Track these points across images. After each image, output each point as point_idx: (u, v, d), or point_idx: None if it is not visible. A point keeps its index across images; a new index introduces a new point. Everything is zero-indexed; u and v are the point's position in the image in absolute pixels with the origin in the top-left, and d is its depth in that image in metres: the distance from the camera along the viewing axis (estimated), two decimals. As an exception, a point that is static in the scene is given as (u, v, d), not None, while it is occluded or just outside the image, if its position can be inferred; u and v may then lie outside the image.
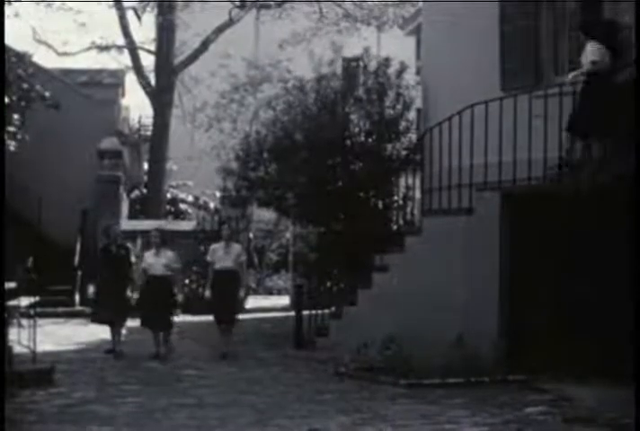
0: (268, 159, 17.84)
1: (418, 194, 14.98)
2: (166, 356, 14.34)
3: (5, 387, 9.54)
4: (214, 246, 15.05)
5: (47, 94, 20.65)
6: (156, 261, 14.51)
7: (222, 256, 14.67)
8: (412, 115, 17.40)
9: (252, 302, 23.23)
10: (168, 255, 14.69)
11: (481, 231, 12.64)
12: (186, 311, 18.96)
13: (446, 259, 12.68)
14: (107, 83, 30.55)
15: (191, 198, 33.05)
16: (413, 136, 17.01)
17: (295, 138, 17.08)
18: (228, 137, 29.51)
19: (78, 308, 21.08)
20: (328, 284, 17.10)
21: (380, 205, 16.95)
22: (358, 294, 13.86)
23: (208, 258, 14.97)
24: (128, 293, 14.57)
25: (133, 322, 14.82)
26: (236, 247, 15.07)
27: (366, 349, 12.60)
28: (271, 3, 30.79)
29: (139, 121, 36.55)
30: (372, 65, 17.48)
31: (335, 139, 16.56)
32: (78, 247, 22.42)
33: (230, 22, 30.47)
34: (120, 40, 31.01)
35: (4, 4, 12.78)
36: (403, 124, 17.17)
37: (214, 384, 12.01)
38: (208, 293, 14.76)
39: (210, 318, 15.10)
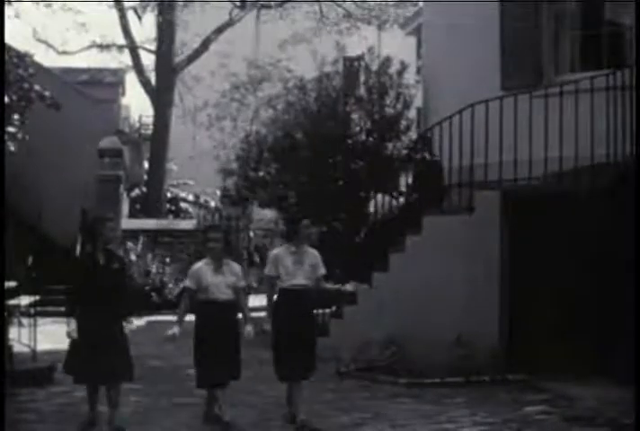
0: (268, 158, 17.85)
1: (418, 193, 14.95)
2: (230, 420, 9.45)
3: (5, 386, 9.53)
4: (276, 252, 9.86)
5: (47, 94, 20.62)
6: (221, 281, 9.38)
7: (291, 268, 9.58)
8: (412, 114, 17.42)
9: (253, 301, 23.14)
10: (234, 269, 9.58)
11: (481, 230, 12.63)
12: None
13: (446, 259, 12.67)
14: (107, 83, 30.60)
15: (191, 197, 33.10)
16: (413, 135, 17.02)
17: (295, 137, 17.08)
18: (229, 137, 29.57)
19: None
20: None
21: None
22: (358, 293, 13.84)
23: (267, 270, 9.71)
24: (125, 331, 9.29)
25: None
26: (313, 254, 9.87)
27: (366, 349, 12.58)
28: (272, 3, 30.85)
29: (140, 120, 36.67)
30: (374, 65, 17.49)
31: (336, 138, 16.56)
32: (78, 247, 22.39)
33: (231, 22, 30.55)
34: (121, 40, 31.10)
35: (4, 4, 12.78)
36: (403, 123, 17.19)
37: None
38: (267, 327, 9.76)
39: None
